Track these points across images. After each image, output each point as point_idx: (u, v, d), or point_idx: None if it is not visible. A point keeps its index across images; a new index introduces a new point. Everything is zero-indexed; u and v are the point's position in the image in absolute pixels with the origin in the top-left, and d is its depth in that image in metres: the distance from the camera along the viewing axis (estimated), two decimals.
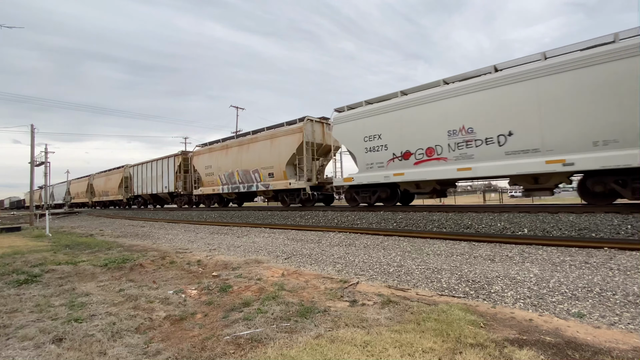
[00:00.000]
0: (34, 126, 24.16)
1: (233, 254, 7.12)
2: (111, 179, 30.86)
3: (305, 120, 13.56)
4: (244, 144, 16.30)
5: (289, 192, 14.27)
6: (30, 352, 2.65)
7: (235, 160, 16.54)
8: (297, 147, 13.36)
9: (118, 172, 29.71)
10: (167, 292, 4.23)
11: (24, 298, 4.15)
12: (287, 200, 14.67)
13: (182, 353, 2.56)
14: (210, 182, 18.44)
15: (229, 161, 16.95)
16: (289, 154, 13.68)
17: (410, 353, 2.37)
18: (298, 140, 13.40)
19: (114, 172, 30.71)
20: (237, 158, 16.44)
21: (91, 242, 9.88)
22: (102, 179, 33.06)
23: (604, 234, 5.91)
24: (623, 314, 3.04)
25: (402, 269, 4.99)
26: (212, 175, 18.24)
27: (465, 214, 8.35)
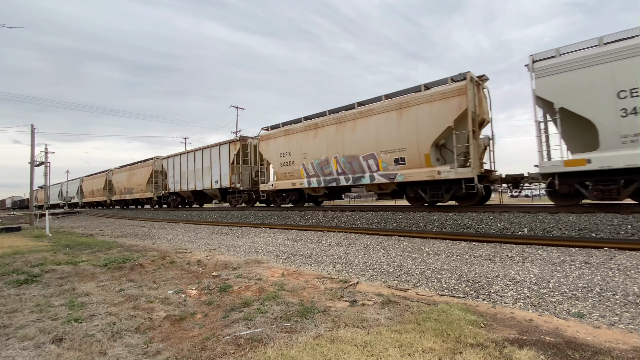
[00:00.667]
0: (34, 126, 24.17)
1: (233, 254, 7.12)
2: (136, 174, 26.30)
3: (468, 77, 8.96)
4: (346, 120, 11.68)
5: (434, 185, 9.77)
6: (30, 352, 2.65)
7: (332, 143, 11.99)
8: (456, 118, 8.94)
9: (146, 165, 25.22)
10: (167, 292, 4.23)
11: (24, 298, 4.14)
12: (425, 196, 9.99)
13: (182, 353, 2.56)
14: (287, 174, 13.81)
15: (320, 145, 12.40)
16: (439, 130, 9.28)
17: (410, 353, 2.37)
18: (457, 108, 8.91)
19: (140, 166, 26.20)
20: (334, 140, 11.90)
21: (91, 242, 9.88)
22: (123, 175, 28.47)
23: (604, 234, 5.91)
24: (623, 314, 3.04)
25: (402, 269, 4.99)
26: (290, 164, 13.58)
27: (465, 214, 8.35)
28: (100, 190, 32.52)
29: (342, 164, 11.80)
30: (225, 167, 17.11)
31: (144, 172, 25.40)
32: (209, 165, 18.32)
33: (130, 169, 27.58)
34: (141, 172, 25.75)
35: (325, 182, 12.43)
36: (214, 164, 17.98)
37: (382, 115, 10.60)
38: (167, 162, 22.36)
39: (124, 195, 28.60)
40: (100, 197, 32.80)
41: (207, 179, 18.46)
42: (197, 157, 19.43)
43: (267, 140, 14.99)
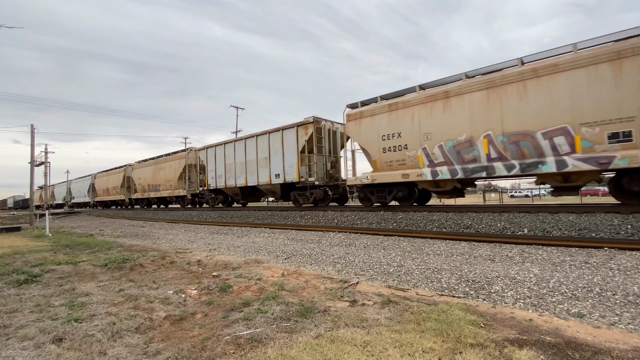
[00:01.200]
0: (34, 126, 24.15)
1: (233, 254, 7.12)
2: (164, 169, 22.86)
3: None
4: (505, 82, 8.36)
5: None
6: (30, 352, 2.65)
7: (480, 117, 8.67)
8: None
9: (177, 158, 21.91)
10: (167, 292, 4.23)
11: (24, 298, 4.14)
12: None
13: (182, 353, 2.56)
14: (394, 162, 10.31)
15: (456, 120, 9.09)
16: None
17: (410, 353, 2.37)
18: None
19: (169, 160, 22.75)
20: (485, 112, 8.59)
21: (91, 242, 9.88)
22: (147, 170, 25.06)
23: (604, 234, 5.91)
24: (623, 314, 3.04)
25: (402, 269, 4.99)
26: (399, 150, 10.22)
27: (465, 214, 8.35)
28: (117, 188, 29.09)
29: (499, 146, 8.34)
30: (291, 157, 13.67)
31: (174, 166, 21.82)
32: (266, 155, 14.78)
33: (156, 163, 23.93)
34: (171, 166, 22.16)
35: (467, 171, 8.81)
36: (274, 154, 14.44)
37: (581, 71, 7.29)
38: (205, 154, 18.77)
39: (147, 193, 24.89)
40: (117, 196, 29.39)
41: (263, 172, 14.95)
42: (250, 145, 15.75)
43: (358, 119, 11.41)
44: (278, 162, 14.27)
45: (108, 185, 31.22)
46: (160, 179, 23.33)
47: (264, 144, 15.07)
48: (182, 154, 21.70)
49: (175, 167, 21.73)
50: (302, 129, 13.41)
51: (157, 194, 23.71)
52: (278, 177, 14.27)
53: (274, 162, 14.50)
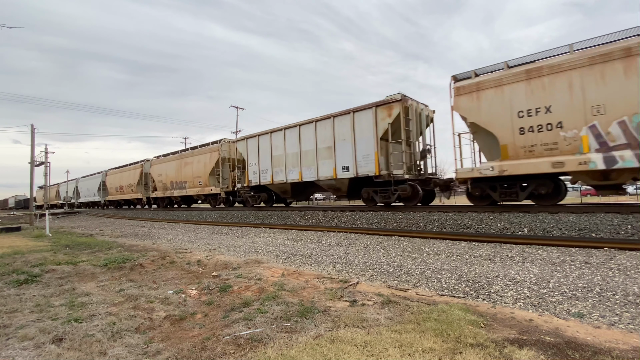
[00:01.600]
0: (34, 126, 24.18)
1: (233, 254, 7.12)
2: (190, 165, 19.94)
3: None
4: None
5: None
6: (30, 352, 2.65)
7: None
8: None
9: (207, 151, 18.91)
10: (167, 292, 4.23)
11: (24, 298, 4.14)
12: None
13: (182, 353, 2.56)
14: (540, 147, 7.81)
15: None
16: None
17: (410, 353, 2.37)
18: None
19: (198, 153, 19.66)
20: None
21: (91, 242, 9.88)
22: (170, 165, 21.94)
23: (604, 234, 5.91)
24: (623, 314, 3.04)
25: (402, 269, 4.99)
26: (547, 130, 7.76)
27: (465, 214, 8.35)
28: (133, 186, 26.27)
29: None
30: (366, 145, 10.95)
31: (204, 160, 18.88)
32: (329, 144, 12.03)
33: (181, 157, 21.13)
34: (200, 160, 19.20)
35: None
36: (340, 142, 11.73)
37: None
38: (245, 145, 15.80)
39: (170, 192, 21.93)
40: (132, 194, 26.72)
41: (325, 164, 12.22)
42: (306, 133, 12.90)
43: (475, 93, 8.90)
44: (346, 152, 11.52)
45: (122, 182, 28.08)
46: (186, 175, 20.29)
47: (326, 131, 12.21)
48: (213, 146, 18.58)
49: (206, 161, 18.64)
50: (384, 109, 10.57)
51: (182, 192, 20.67)
52: (346, 171, 11.54)
53: (340, 152, 11.73)
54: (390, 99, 10.55)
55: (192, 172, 19.80)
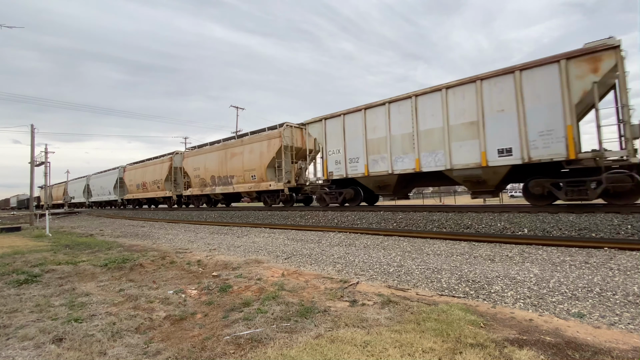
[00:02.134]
0: (34, 126, 24.17)
1: (233, 254, 7.12)
2: (239, 156, 16.37)
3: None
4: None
5: None
6: (30, 352, 2.65)
7: None
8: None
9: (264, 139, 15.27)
10: (167, 292, 4.23)
11: (24, 298, 4.15)
12: None
13: (182, 353, 2.56)
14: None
15: None
16: None
17: (410, 353, 2.37)
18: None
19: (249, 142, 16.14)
20: None
21: (91, 242, 9.88)
22: (210, 157, 18.37)
23: (604, 234, 5.91)
24: (623, 314, 3.04)
25: (402, 269, 4.99)
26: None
27: (465, 214, 8.35)
28: (160, 182, 22.59)
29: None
30: (547, 117, 7.74)
31: (259, 150, 15.25)
32: (473, 118, 8.79)
33: (226, 147, 17.30)
34: (254, 150, 15.56)
35: None
36: (493, 115, 8.49)
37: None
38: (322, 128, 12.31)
39: (211, 188, 18.22)
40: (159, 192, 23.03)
41: (464, 147, 8.92)
42: (428, 105, 9.65)
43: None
44: (506, 127, 8.28)
45: (145, 179, 24.37)
46: (234, 169, 16.65)
47: (464, 101, 8.92)
48: (273, 132, 14.97)
49: (262, 150, 15.09)
50: (584, 62, 7.30)
51: (227, 188, 17.10)
52: (506, 154, 8.28)
53: (494, 128, 8.46)
54: (597, 46, 7.11)
55: (243, 164, 16.05)
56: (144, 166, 24.98)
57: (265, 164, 14.93)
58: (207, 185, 18.64)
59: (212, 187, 18.29)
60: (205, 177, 18.66)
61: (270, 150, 14.78)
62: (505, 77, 8.31)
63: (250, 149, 15.87)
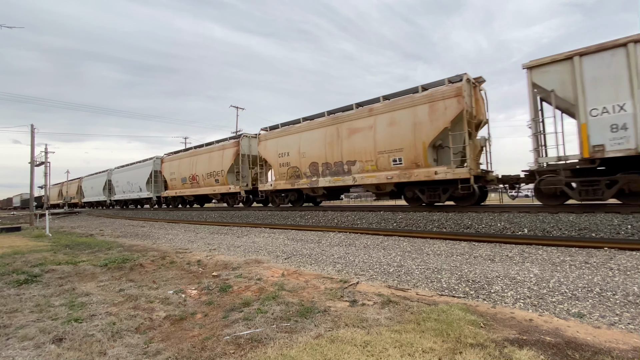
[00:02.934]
0: (34, 126, 24.19)
1: (233, 254, 7.12)
2: (361, 132, 11.14)
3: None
4: None
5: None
6: (30, 352, 2.65)
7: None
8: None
9: (410, 104, 10.00)
10: (167, 292, 4.23)
11: (24, 298, 4.14)
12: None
13: (182, 353, 2.56)
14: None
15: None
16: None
17: (410, 353, 2.37)
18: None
19: (398, 108, 10.29)
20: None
21: (91, 242, 9.88)
22: (308, 138, 12.93)
23: (604, 234, 5.91)
24: (623, 314, 3.04)
25: (402, 269, 4.99)
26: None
27: (465, 214, 8.35)
28: (220, 175, 17.10)
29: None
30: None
31: (411, 120, 9.92)
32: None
33: (337, 121, 11.93)
34: (401, 120, 10.16)
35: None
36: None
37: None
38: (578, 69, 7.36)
39: (309, 180, 12.77)
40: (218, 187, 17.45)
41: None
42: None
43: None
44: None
45: (195, 170, 19.00)
46: (354, 151, 11.25)
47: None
48: (445, 88, 9.42)
49: (423, 119, 9.63)
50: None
51: (337, 180, 11.70)
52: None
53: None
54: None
55: (375, 143, 10.63)
56: (193, 154, 19.69)
57: (428, 139, 9.56)
58: (303, 176, 13.15)
59: (315, 179, 12.66)
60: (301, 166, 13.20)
61: (443, 117, 9.32)
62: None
63: (400, 116, 10.18)
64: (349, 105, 12.09)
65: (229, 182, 16.89)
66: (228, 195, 17.64)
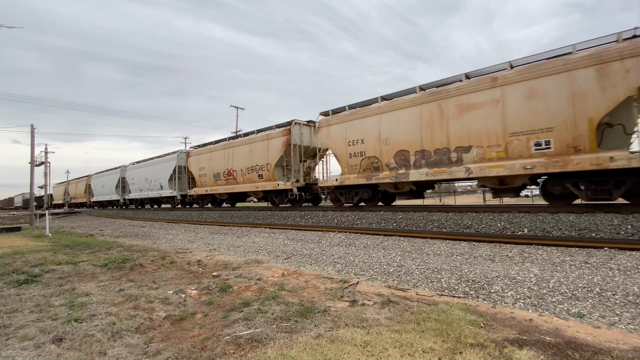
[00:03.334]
0: (34, 126, 24.17)
1: (233, 254, 7.12)
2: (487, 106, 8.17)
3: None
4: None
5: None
6: (30, 352, 2.65)
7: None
8: None
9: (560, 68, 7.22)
10: (167, 292, 4.23)
11: (24, 298, 4.14)
12: None
13: (182, 353, 2.56)
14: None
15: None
16: None
17: (410, 353, 2.37)
18: None
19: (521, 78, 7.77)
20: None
21: (91, 242, 9.88)
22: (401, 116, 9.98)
23: (604, 234, 5.91)
24: (623, 314, 3.04)
25: (402, 269, 4.99)
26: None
27: (465, 214, 8.35)
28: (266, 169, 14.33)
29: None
30: None
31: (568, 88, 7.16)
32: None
33: (461, 92, 8.84)
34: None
35: None
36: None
37: None
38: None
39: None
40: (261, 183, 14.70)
41: None
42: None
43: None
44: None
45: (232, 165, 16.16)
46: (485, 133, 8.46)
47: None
48: (625, 44, 6.62)
49: (588, 87, 7.01)
50: None
51: (458, 170, 8.83)
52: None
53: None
54: None
55: (504, 123, 8.14)
56: (228, 147, 16.81)
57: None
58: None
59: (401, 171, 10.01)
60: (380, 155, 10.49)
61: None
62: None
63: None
64: (454, 77, 9.34)
65: (277, 178, 13.99)
66: (274, 192, 14.80)
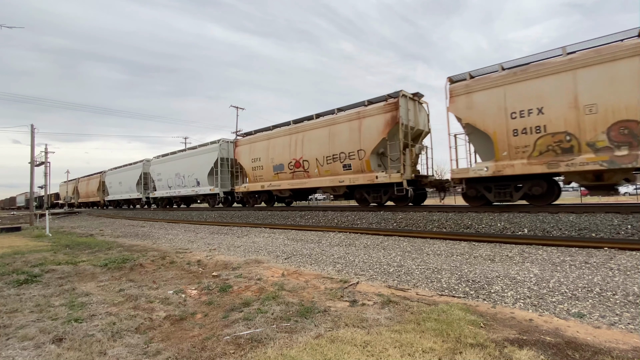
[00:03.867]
0: (34, 126, 24.17)
1: (233, 254, 7.12)
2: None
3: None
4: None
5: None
6: (30, 352, 2.65)
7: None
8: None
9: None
10: (167, 292, 4.23)
11: (24, 298, 4.14)
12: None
13: (182, 353, 2.56)
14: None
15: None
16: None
17: (410, 353, 2.37)
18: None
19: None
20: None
21: (91, 242, 9.88)
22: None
23: (604, 234, 5.91)
24: (623, 314, 3.04)
25: (402, 269, 4.99)
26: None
27: (465, 214, 8.35)
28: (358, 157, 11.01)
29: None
30: None
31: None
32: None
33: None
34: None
35: None
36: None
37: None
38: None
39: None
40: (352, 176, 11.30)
41: None
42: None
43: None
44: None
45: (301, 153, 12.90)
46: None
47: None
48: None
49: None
50: None
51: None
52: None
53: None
54: None
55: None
56: (293, 131, 13.38)
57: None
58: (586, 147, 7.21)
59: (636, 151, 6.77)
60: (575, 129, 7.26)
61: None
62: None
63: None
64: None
65: (372, 168, 10.73)
66: (368, 188, 11.24)
